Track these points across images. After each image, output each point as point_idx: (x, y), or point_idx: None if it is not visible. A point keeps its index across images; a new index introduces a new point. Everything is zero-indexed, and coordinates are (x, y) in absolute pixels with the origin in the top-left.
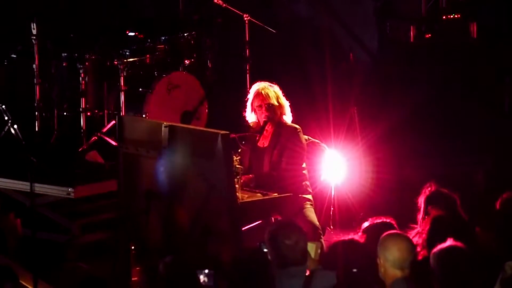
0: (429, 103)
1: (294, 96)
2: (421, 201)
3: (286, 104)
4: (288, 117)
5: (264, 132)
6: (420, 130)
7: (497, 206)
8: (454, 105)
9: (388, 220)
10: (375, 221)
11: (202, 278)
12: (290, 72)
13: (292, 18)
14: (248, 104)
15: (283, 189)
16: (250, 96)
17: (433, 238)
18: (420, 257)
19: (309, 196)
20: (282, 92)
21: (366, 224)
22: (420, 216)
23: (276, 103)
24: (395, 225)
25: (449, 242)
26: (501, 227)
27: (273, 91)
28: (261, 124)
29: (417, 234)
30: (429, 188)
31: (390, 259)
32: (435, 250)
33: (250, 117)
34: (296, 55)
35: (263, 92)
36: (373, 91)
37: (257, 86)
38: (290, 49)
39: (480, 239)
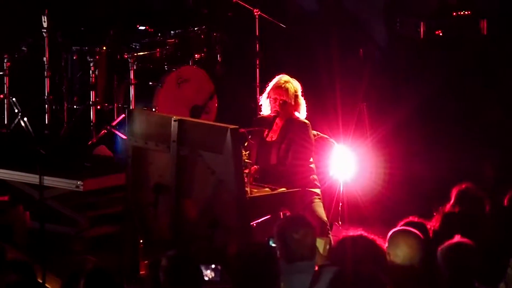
0: (438, 99)
1: (303, 91)
2: (453, 193)
3: (302, 103)
4: (301, 115)
5: (274, 126)
6: (429, 125)
7: (505, 203)
8: (463, 100)
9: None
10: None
11: (209, 273)
12: (299, 67)
13: (302, 13)
14: (267, 90)
15: (291, 183)
16: (271, 84)
17: (442, 235)
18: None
19: (318, 190)
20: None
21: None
22: (447, 206)
23: (292, 102)
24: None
25: (457, 238)
26: (509, 223)
27: (294, 88)
28: (271, 116)
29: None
30: (465, 184)
31: (400, 255)
32: (442, 246)
33: (264, 103)
34: (306, 50)
35: (283, 86)
36: (382, 86)
37: (279, 78)
38: (299, 43)
39: (488, 235)
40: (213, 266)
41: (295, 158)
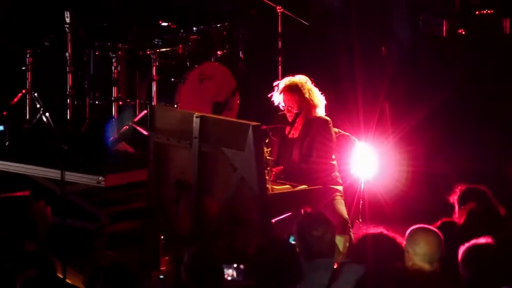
0: (460, 97)
1: (325, 88)
2: (453, 201)
3: (316, 97)
4: (321, 109)
5: (295, 123)
6: (451, 124)
7: None
8: (486, 99)
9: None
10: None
11: (231, 272)
12: (321, 64)
13: (325, 10)
14: (278, 96)
15: (313, 181)
16: (278, 89)
17: (467, 231)
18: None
19: (340, 187)
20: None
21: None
22: (455, 215)
23: (302, 103)
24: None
25: (480, 239)
26: None
27: (299, 88)
28: (292, 117)
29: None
30: (460, 188)
31: (419, 253)
32: (463, 247)
33: (277, 102)
34: (328, 48)
35: (288, 93)
36: (404, 84)
37: (283, 84)
38: (322, 41)
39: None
40: (235, 265)
41: (317, 156)
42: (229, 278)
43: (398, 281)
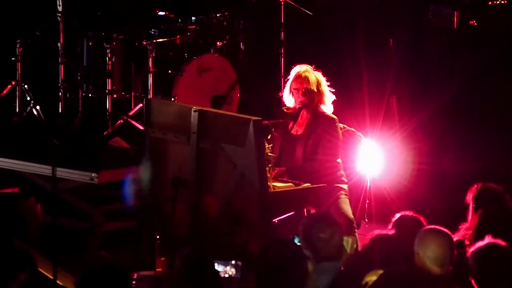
0: (470, 92)
1: (330, 82)
2: (469, 199)
3: (327, 92)
4: (327, 107)
5: (299, 118)
6: (460, 120)
7: None
8: (496, 95)
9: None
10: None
11: (229, 269)
12: (326, 57)
13: (330, 1)
14: (287, 85)
15: (317, 179)
16: (290, 77)
17: (481, 233)
18: (468, 254)
19: (345, 186)
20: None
21: (396, 217)
22: (469, 214)
23: (314, 89)
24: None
25: (487, 239)
26: None
27: (315, 76)
28: (296, 108)
29: (466, 230)
30: (476, 186)
31: (430, 256)
32: (473, 248)
33: (288, 99)
34: (333, 40)
35: (303, 75)
36: (412, 78)
37: (298, 68)
38: (326, 33)
39: None
40: (233, 262)
41: (323, 154)
42: (227, 275)
43: (406, 283)
